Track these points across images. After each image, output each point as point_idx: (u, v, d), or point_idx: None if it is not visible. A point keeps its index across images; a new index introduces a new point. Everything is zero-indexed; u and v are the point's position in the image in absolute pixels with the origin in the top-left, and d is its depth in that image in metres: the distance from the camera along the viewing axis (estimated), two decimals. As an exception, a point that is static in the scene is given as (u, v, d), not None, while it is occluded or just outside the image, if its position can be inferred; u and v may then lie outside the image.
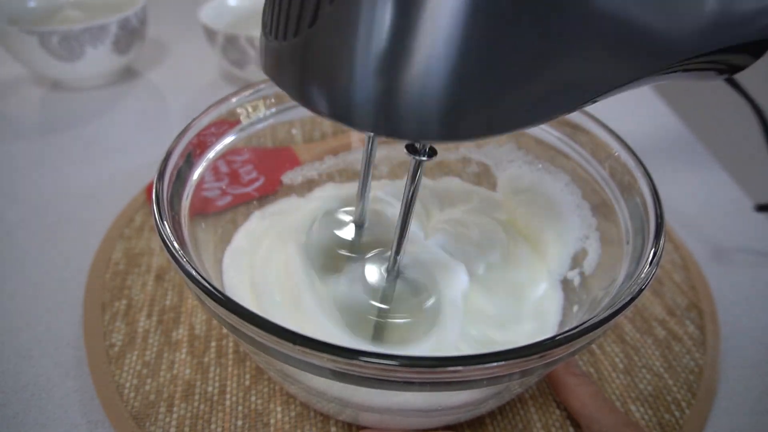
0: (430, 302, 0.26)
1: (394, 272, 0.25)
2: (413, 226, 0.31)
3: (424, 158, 0.20)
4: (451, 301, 0.27)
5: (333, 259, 0.29)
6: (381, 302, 0.26)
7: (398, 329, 0.26)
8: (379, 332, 0.25)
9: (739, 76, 0.31)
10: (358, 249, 0.29)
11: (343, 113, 0.16)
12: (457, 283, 0.28)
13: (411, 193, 0.21)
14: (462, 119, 0.16)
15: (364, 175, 0.26)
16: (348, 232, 0.30)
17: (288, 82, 0.17)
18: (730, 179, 0.46)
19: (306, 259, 0.28)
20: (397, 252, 0.24)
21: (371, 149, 0.26)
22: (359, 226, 0.30)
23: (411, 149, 0.20)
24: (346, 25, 0.15)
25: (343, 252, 0.29)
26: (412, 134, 0.16)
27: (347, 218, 0.31)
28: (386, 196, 0.34)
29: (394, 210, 0.32)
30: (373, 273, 0.27)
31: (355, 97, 0.15)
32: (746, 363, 0.31)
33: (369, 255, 0.28)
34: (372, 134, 0.24)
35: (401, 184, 0.36)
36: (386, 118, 0.16)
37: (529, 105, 0.16)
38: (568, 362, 0.28)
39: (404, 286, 0.27)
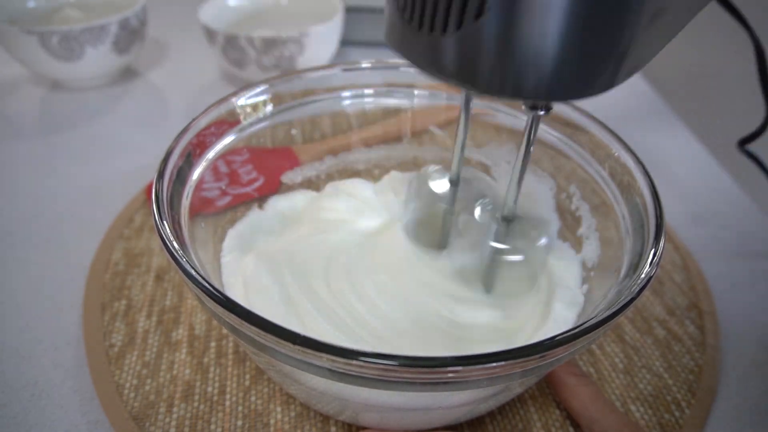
0: (542, 241, 0.27)
1: (508, 216, 0.27)
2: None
3: (542, 112, 0.22)
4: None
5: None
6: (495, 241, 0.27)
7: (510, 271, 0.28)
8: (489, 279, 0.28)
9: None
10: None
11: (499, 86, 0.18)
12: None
13: (527, 145, 0.24)
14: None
15: (464, 128, 0.27)
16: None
17: (425, 61, 0.19)
18: (731, 179, 0.46)
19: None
20: (515, 198, 0.26)
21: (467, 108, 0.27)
22: (454, 184, 0.30)
23: (532, 107, 0.22)
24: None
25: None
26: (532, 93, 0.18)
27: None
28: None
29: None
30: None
31: (518, 72, 0.17)
32: (746, 363, 0.31)
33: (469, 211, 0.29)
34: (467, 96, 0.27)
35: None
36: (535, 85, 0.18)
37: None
38: (568, 362, 0.28)
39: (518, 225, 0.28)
